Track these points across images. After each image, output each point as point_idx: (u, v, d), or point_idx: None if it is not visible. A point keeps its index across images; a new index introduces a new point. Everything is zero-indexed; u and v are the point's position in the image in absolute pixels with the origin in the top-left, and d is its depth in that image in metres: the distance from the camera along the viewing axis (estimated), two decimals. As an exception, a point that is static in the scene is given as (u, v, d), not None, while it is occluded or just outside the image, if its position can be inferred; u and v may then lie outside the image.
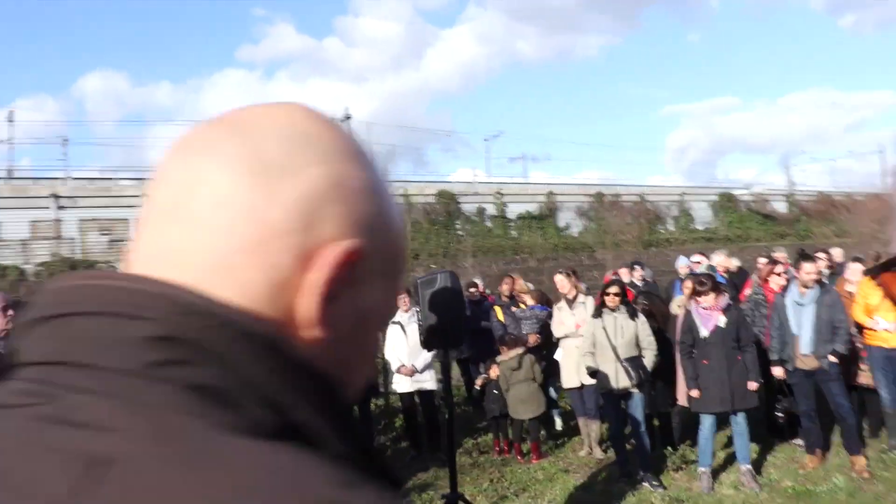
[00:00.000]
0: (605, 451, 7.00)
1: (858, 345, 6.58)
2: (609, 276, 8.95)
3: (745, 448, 5.96)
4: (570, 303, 7.17)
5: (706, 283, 5.97)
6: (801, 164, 38.03)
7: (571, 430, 7.78)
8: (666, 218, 32.18)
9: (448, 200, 26.36)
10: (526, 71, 61.28)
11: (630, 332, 6.18)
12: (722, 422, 6.23)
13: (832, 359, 6.16)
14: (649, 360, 6.20)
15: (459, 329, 4.53)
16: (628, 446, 6.34)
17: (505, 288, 8.21)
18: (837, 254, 8.80)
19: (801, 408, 6.25)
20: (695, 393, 5.88)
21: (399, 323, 7.36)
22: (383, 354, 7.51)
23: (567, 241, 28.67)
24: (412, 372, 7.24)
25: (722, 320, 5.88)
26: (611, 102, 64.71)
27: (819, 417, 6.28)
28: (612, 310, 6.28)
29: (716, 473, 6.10)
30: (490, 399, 7.35)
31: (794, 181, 37.84)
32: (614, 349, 6.15)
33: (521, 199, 31.27)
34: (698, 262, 8.84)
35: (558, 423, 8.06)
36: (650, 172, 60.66)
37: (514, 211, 28.60)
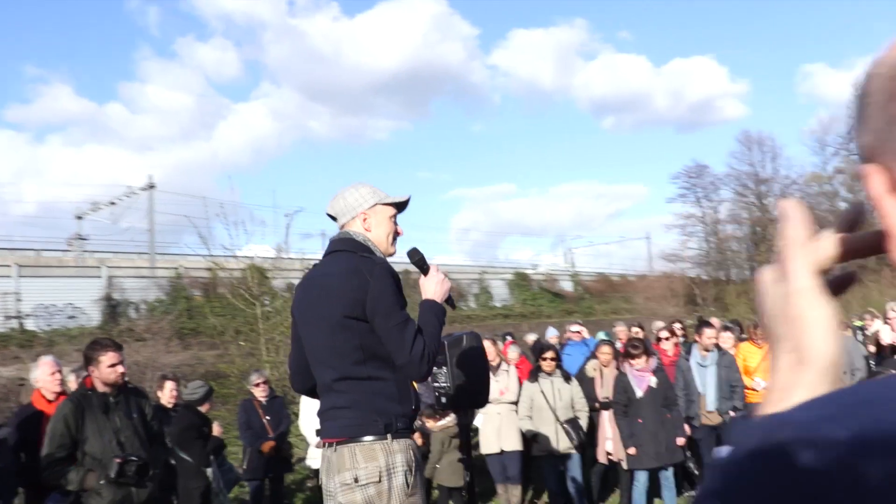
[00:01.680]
0: (528, 517, 7.19)
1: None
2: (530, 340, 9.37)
3: (673, 500, 6.47)
4: (494, 369, 7.39)
5: (639, 346, 6.52)
6: (575, 247, 41.79)
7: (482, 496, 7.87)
8: (468, 295, 33.54)
9: (257, 275, 25.54)
10: (318, 149, 61.91)
11: (567, 395, 6.53)
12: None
13: (733, 414, 6.96)
14: (584, 421, 6.56)
15: (486, 387, 4.57)
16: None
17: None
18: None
19: (705, 460, 6.92)
20: (632, 451, 6.30)
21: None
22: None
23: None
24: (333, 445, 6.97)
25: (653, 381, 6.42)
26: (401, 183, 67.21)
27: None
28: (549, 374, 6.60)
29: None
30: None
31: (573, 263, 41.33)
32: (554, 412, 6.44)
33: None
34: (578, 332, 9.52)
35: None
36: (438, 251, 63.46)
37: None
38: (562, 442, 6.37)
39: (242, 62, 59.75)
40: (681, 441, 6.47)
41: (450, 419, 7.01)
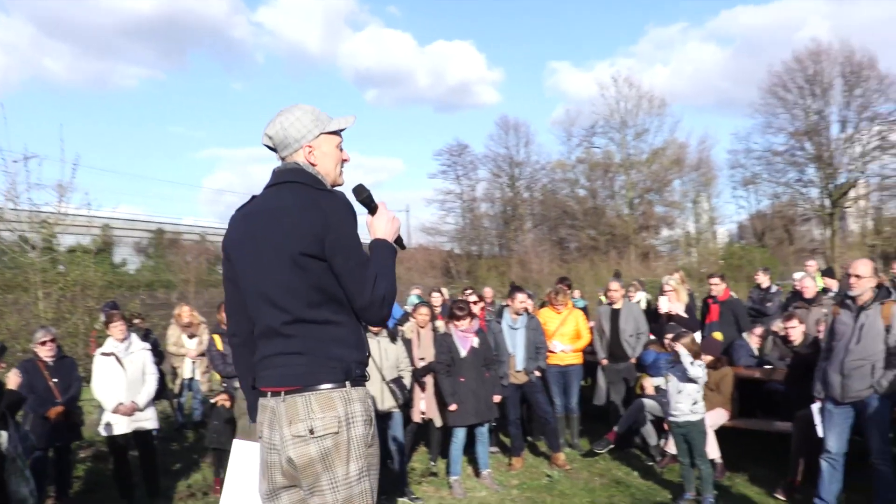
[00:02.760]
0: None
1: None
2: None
3: (486, 455, 6.77)
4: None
5: (464, 308, 6.69)
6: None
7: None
8: (225, 259, 32.17)
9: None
10: (55, 91, 55.01)
11: (393, 355, 6.51)
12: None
13: (538, 373, 7.44)
14: (407, 380, 6.60)
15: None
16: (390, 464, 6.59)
17: (224, 315, 7.65)
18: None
19: (511, 417, 7.33)
20: (453, 407, 6.48)
21: (114, 354, 6.39)
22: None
23: (123, 277, 26.77)
24: (133, 410, 6.32)
25: (476, 341, 6.64)
26: (150, 136, 62.02)
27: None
28: (375, 334, 6.54)
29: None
30: (213, 430, 6.82)
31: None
32: (380, 371, 6.41)
33: (71, 230, 28.05)
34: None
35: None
36: (187, 212, 59.72)
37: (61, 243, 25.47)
38: (386, 401, 6.35)
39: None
40: (497, 398, 6.78)
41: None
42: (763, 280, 10.22)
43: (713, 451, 6.34)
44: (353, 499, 2.37)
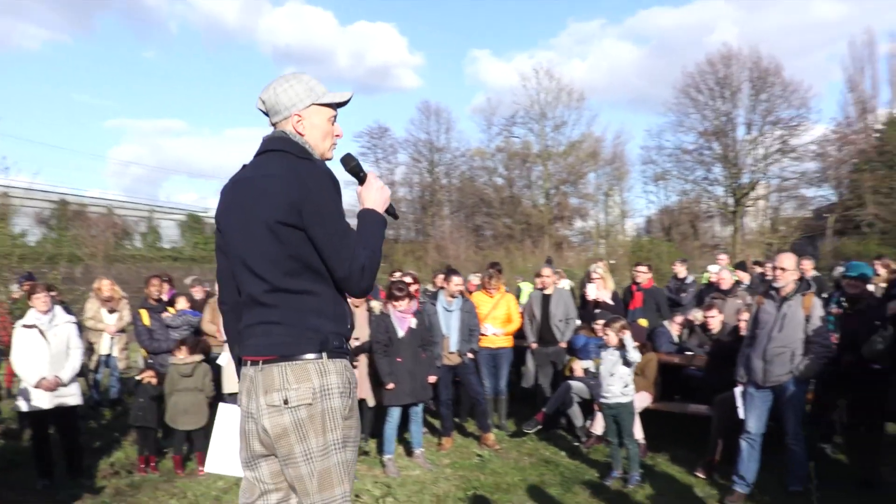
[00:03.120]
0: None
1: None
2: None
3: (419, 434, 6.84)
4: (242, 306, 7.02)
5: (403, 289, 6.72)
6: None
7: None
8: (134, 234, 31.06)
9: None
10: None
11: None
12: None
13: (470, 356, 7.56)
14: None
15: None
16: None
17: (153, 290, 7.42)
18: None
19: (442, 398, 7.43)
20: (391, 386, 6.52)
21: (36, 327, 6.11)
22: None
23: (23, 249, 25.43)
24: (56, 385, 6.07)
25: (414, 322, 6.69)
26: (53, 103, 58.70)
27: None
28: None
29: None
30: (137, 407, 6.64)
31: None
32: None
33: (-38, 198, 26.61)
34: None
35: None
36: (92, 183, 56.89)
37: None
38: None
39: None
40: (432, 379, 6.86)
41: (189, 357, 6.57)
42: (680, 271, 10.68)
43: (637, 432, 6.61)
44: (330, 470, 2.37)
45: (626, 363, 5.95)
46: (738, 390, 5.79)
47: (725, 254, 14.91)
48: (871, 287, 6.86)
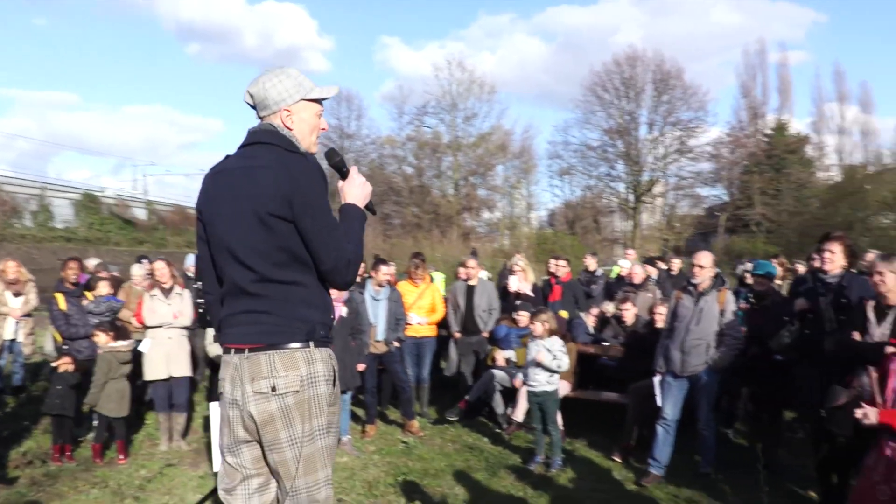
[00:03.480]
0: (189, 445, 6.91)
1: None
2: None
3: (346, 422, 6.87)
4: (167, 292, 6.85)
5: (335, 277, 6.71)
6: (150, 174, 39.55)
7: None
8: (24, 212, 29.39)
9: None
10: None
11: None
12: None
13: (397, 344, 7.65)
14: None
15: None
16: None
17: (70, 273, 7.10)
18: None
19: (368, 385, 7.49)
20: (320, 375, 6.51)
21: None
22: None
23: None
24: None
25: (344, 311, 6.71)
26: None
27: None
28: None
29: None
30: (54, 395, 6.39)
31: (146, 190, 38.93)
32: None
33: None
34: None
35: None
36: (-26, 157, 53.29)
37: None
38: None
39: None
40: (361, 367, 6.91)
41: (127, 342, 6.40)
42: (591, 264, 11.12)
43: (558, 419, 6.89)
44: (315, 454, 2.45)
45: (555, 372, 6.19)
46: (656, 379, 6.13)
47: (631, 249, 15.58)
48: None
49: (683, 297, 5.96)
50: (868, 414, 3.25)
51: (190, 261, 9.95)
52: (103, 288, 7.16)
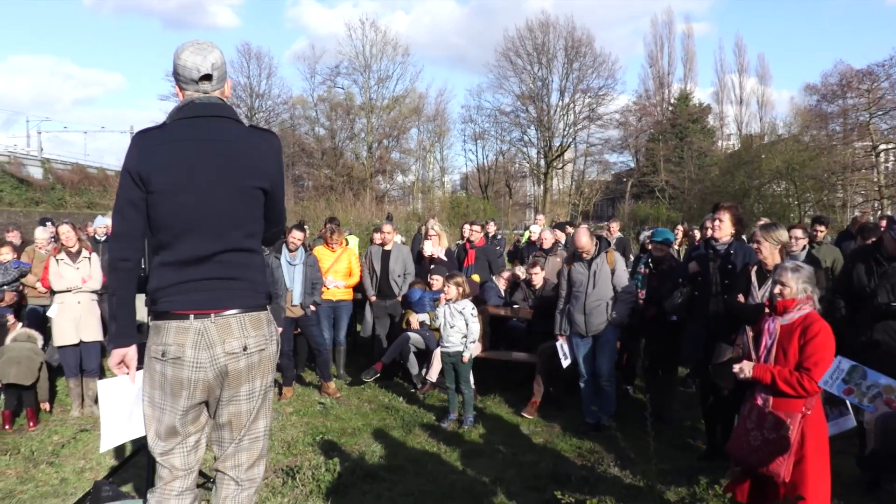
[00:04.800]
0: (102, 409, 6.86)
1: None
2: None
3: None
4: (74, 256, 6.72)
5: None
6: (45, 130, 37.53)
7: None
8: None
9: None
10: None
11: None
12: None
13: (313, 308, 7.76)
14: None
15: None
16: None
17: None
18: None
19: (284, 349, 7.59)
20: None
21: None
22: None
23: None
24: None
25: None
26: None
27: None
28: None
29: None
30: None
31: (41, 147, 37.02)
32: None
33: None
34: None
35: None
36: None
37: None
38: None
39: None
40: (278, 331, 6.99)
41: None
42: (491, 229, 11.52)
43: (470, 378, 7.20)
44: (262, 406, 2.68)
45: (470, 339, 6.48)
46: (559, 343, 6.51)
47: (541, 214, 16.07)
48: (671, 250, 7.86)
49: (574, 265, 6.35)
50: (744, 368, 3.64)
51: (99, 222, 9.67)
52: (6, 253, 6.95)
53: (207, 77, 2.60)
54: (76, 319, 6.64)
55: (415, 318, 8.06)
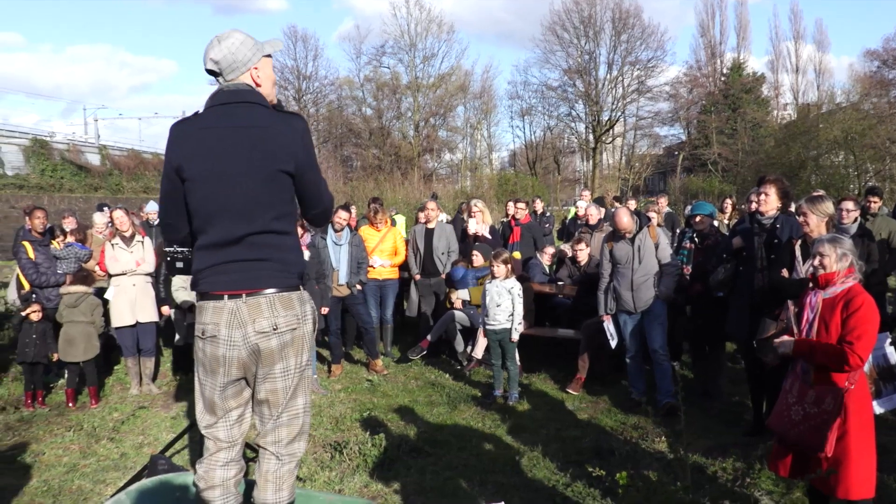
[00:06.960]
0: (159, 388, 7.14)
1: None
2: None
3: (314, 360, 7.14)
4: (128, 240, 6.96)
5: (300, 221, 6.89)
6: (101, 118, 38.56)
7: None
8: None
9: None
10: None
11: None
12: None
13: (359, 287, 7.89)
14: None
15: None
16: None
17: (37, 222, 7.13)
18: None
19: (332, 328, 7.75)
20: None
21: None
22: None
23: None
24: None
25: (307, 255, 6.89)
26: None
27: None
28: None
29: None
30: (24, 344, 6.55)
31: (99, 134, 38.02)
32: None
33: None
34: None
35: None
36: None
37: None
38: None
39: None
40: (325, 310, 7.16)
41: (80, 288, 6.55)
42: (539, 207, 11.47)
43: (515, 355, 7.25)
44: (301, 384, 2.76)
45: (517, 320, 6.55)
46: (605, 324, 6.50)
47: (587, 190, 15.92)
48: (716, 223, 7.74)
49: (618, 243, 6.32)
50: (785, 343, 3.60)
51: (151, 207, 9.97)
52: (69, 235, 7.26)
53: (212, 72, 2.72)
54: (132, 301, 6.89)
55: (456, 297, 8.12)
